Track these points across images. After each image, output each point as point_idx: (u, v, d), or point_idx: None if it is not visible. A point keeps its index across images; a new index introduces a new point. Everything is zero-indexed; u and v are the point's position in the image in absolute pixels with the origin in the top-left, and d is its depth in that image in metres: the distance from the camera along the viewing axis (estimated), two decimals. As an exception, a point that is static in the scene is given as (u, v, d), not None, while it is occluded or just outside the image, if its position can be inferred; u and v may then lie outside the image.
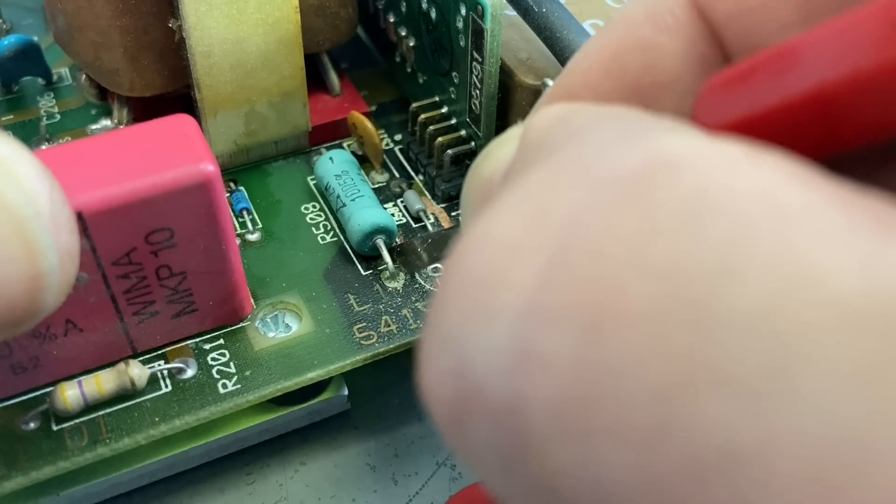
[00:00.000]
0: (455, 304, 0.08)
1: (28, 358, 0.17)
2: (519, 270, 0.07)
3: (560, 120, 0.09)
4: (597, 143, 0.08)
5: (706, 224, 0.06)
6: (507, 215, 0.08)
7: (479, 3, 0.19)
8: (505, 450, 0.07)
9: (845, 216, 0.06)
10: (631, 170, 0.07)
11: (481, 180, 0.11)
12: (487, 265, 0.08)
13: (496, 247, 0.08)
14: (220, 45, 0.20)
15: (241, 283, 0.18)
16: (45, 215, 0.12)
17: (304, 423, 0.19)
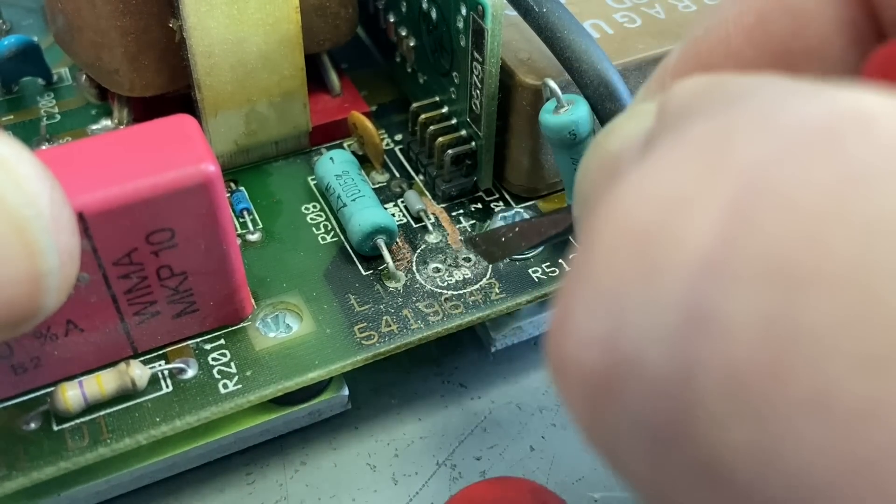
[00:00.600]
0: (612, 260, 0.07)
1: (29, 358, 0.17)
2: (694, 222, 0.06)
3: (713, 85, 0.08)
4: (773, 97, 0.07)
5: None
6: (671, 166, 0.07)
7: (479, 3, 0.19)
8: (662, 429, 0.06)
9: None
10: (820, 121, 0.06)
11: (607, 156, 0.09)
12: (652, 217, 0.07)
13: (662, 197, 0.07)
14: (221, 46, 0.20)
15: (242, 283, 0.18)
16: (46, 216, 0.12)
17: (304, 423, 0.19)
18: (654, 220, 0.07)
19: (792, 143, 0.06)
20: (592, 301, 0.07)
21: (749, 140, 0.06)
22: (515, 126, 0.21)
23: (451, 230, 0.21)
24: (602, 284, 0.07)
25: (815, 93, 0.07)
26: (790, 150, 0.06)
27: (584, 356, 0.07)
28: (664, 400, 0.06)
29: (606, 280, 0.07)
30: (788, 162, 0.06)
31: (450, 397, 0.21)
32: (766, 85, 0.07)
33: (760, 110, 0.07)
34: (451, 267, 0.20)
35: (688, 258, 0.06)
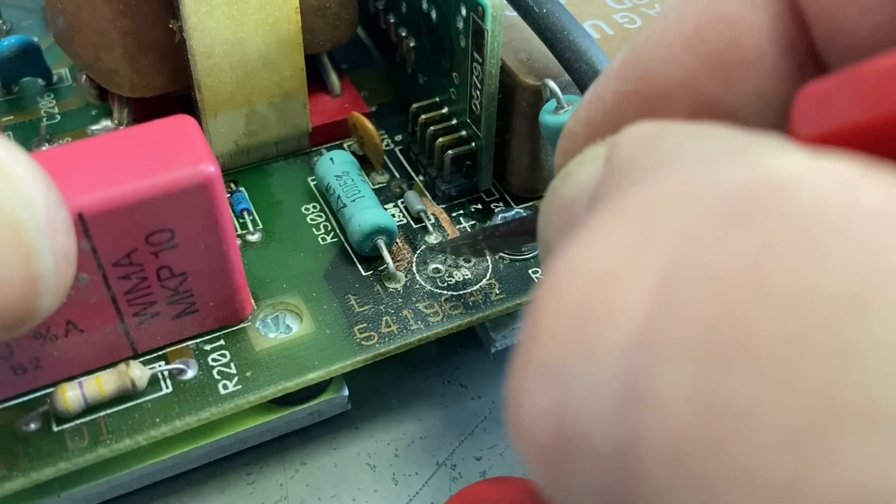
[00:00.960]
0: (553, 336, 0.07)
1: (29, 359, 0.17)
2: (624, 299, 0.07)
3: (653, 138, 0.08)
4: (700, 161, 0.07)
5: (832, 247, 0.06)
6: (606, 239, 0.07)
7: (479, 4, 0.19)
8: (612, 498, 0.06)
9: None
10: (741, 189, 0.06)
11: (562, 203, 0.10)
12: (588, 293, 0.07)
13: (597, 273, 0.07)
14: (221, 46, 0.20)
15: (242, 283, 0.18)
16: (42, 218, 0.12)
17: (304, 423, 0.19)
18: (590, 297, 0.07)
19: (713, 215, 0.06)
20: (539, 377, 0.07)
21: (674, 212, 0.07)
22: (515, 127, 0.21)
23: (451, 231, 0.21)
24: (547, 361, 0.07)
25: (740, 156, 0.07)
26: (712, 222, 0.06)
27: (536, 428, 0.07)
28: (610, 472, 0.06)
29: (550, 357, 0.07)
30: (710, 235, 0.06)
31: (450, 397, 0.21)
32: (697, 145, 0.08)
33: (686, 179, 0.07)
34: (451, 268, 0.20)
35: (621, 335, 0.06)
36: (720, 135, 0.08)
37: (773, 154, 0.07)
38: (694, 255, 0.06)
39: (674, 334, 0.06)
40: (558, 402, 0.07)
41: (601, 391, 0.07)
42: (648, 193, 0.07)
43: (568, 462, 0.07)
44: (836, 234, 0.06)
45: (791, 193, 0.06)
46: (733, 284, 0.06)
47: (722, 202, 0.07)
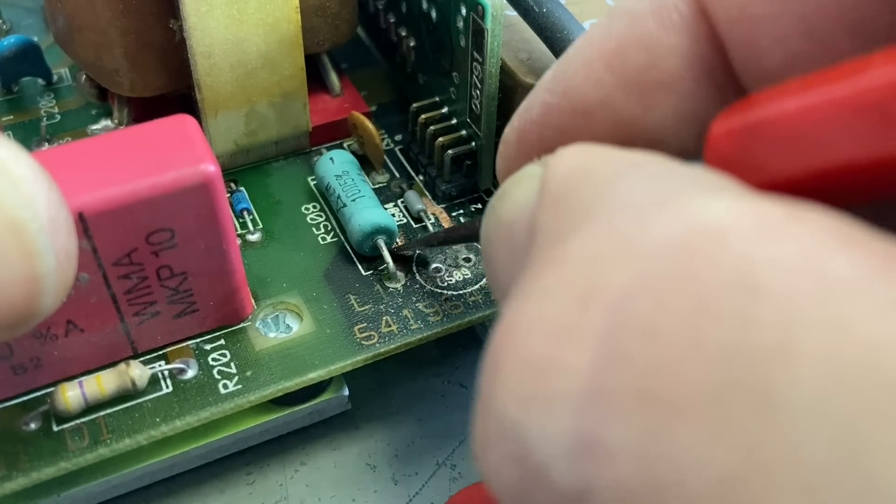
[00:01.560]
0: (509, 389, 0.08)
1: (29, 358, 0.17)
2: (572, 354, 0.07)
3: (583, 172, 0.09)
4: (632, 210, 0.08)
5: (755, 304, 0.06)
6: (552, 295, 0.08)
7: (479, 4, 0.19)
8: None
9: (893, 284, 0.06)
10: (673, 241, 0.07)
11: (501, 225, 0.11)
12: (539, 349, 0.07)
13: (546, 329, 0.07)
14: (221, 46, 0.20)
15: (242, 283, 0.18)
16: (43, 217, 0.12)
17: (304, 423, 0.19)
18: (541, 351, 0.07)
19: (649, 272, 0.07)
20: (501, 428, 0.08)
21: (612, 268, 0.07)
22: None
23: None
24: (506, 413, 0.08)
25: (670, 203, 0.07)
26: (648, 278, 0.07)
27: (502, 474, 0.08)
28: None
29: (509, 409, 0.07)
30: (646, 291, 0.07)
31: (450, 397, 0.21)
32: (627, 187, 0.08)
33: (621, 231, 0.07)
34: (451, 267, 0.20)
35: (571, 389, 0.07)
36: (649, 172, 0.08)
37: (701, 200, 0.07)
38: (632, 311, 0.07)
39: (617, 389, 0.07)
40: (520, 450, 0.07)
41: (557, 442, 0.07)
42: (588, 246, 0.08)
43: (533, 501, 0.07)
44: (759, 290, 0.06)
45: (721, 245, 0.07)
46: (670, 341, 0.06)
47: (657, 257, 0.07)
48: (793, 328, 0.06)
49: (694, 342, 0.06)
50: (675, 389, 0.06)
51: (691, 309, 0.06)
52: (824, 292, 0.06)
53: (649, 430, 0.06)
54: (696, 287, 0.07)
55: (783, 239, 0.06)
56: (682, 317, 0.06)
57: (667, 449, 0.06)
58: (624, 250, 0.07)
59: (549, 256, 0.08)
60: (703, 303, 0.06)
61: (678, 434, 0.06)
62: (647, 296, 0.07)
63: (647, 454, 0.06)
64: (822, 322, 0.06)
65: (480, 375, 0.08)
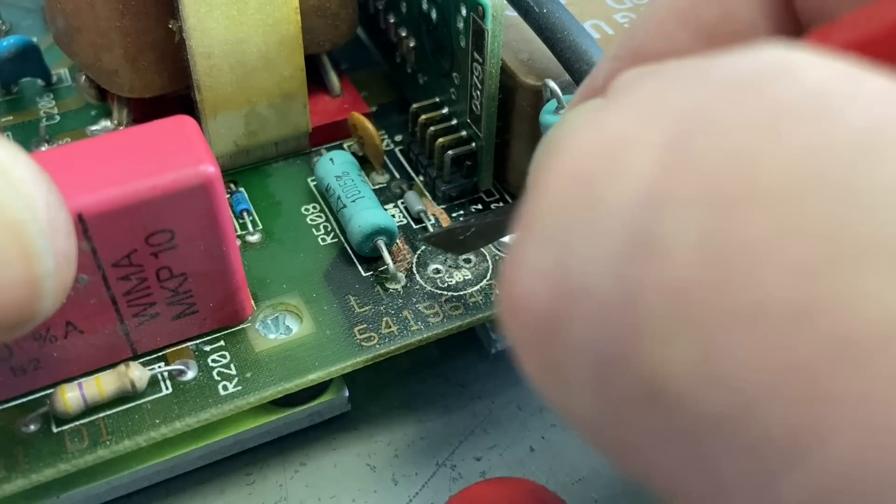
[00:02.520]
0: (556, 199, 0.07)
1: (28, 360, 0.17)
2: (636, 159, 0.07)
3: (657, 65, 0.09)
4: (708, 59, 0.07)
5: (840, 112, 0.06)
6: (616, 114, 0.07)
7: (479, 4, 0.19)
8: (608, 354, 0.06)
9: None
10: (750, 69, 0.07)
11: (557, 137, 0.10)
12: (598, 157, 0.07)
13: (608, 139, 0.07)
14: (221, 47, 0.20)
15: (242, 284, 0.18)
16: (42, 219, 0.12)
17: (304, 424, 0.19)
18: (599, 160, 0.07)
19: (724, 88, 0.07)
20: (540, 238, 0.07)
21: (685, 89, 0.07)
22: (516, 127, 0.21)
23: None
24: (549, 222, 0.07)
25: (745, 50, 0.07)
26: (723, 93, 0.07)
27: (532, 293, 0.07)
28: (609, 324, 0.06)
29: (553, 218, 0.07)
30: (721, 102, 0.06)
31: (450, 398, 0.21)
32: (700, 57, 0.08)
33: (696, 67, 0.07)
34: (451, 268, 0.20)
35: (630, 189, 0.07)
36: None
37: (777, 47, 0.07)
38: (705, 119, 0.06)
39: (685, 185, 0.06)
40: (560, 261, 0.07)
41: (606, 245, 0.06)
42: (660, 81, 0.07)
43: (565, 323, 0.07)
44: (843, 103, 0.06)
45: (798, 75, 0.06)
46: (744, 140, 0.06)
47: (733, 79, 0.07)
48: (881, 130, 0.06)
49: (771, 142, 0.06)
50: (751, 181, 0.06)
51: (768, 115, 0.06)
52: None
53: (717, 221, 0.06)
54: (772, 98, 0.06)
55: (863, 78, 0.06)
56: (757, 120, 0.06)
57: (738, 238, 0.06)
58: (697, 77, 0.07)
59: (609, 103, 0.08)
60: (780, 111, 0.06)
61: (749, 225, 0.06)
62: (721, 105, 0.06)
63: (716, 245, 0.06)
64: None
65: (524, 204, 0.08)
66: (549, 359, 0.07)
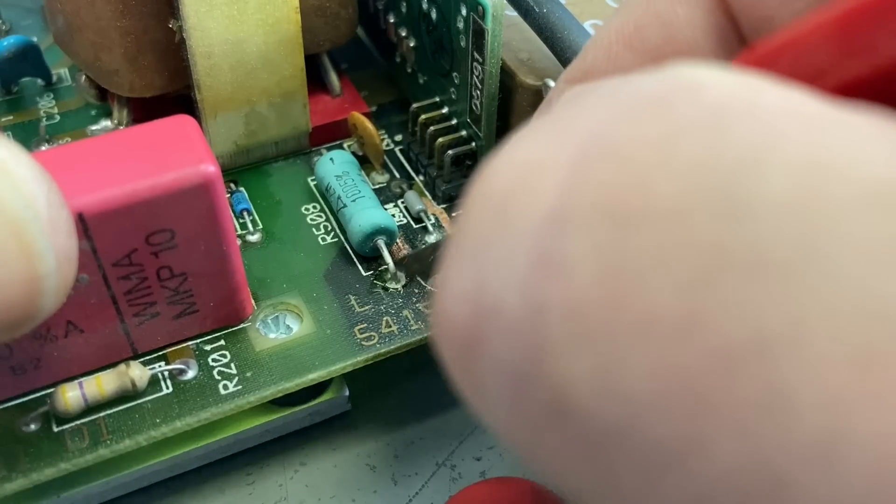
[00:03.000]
0: (475, 222, 0.08)
1: (29, 359, 0.17)
2: (542, 181, 0.07)
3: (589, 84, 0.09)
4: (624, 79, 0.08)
5: (731, 127, 0.06)
6: (532, 137, 0.08)
7: (479, 4, 0.19)
8: (518, 369, 0.07)
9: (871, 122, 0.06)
10: (656, 90, 0.07)
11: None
12: (510, 180, 0.07)
13: (520, 163, 0.07)
14: (221, 46, 0.20)
15: (242, 283, 0.18)
16: (43, 218, 0.12)
17: (304, 423, 0.19)
18: (512, 182, 0.07)
19: (628, 108, 0.07)
20: (462, 260, 0.08)
21: (594, 111, 0.07)
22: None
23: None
24: (469, 244, 0.07)
25: (657, 70, 0.07)
26: (625, 114, 0.07)
27: (455, 313, 0.07)
28: (520, 341, 0.07)
29: (472, 240, 0.07)
30: (623, 123, 0.07)
31: (450, 397, 0.21)
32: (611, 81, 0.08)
33: (608, 89, 0.08)
34: (451, 267, 0.20)
35: (536, 210, 0.07)
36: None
37: (686, 66, 0.07)
38: (606, 140, 0.07)
39: (583, 205, 0.07)
40: (477, 283, 0.07)
41: (515, 266, 0.07)
42: (573, 103, 0.08)
43: (483, 342, 0.07)
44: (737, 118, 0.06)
45: (699, 93, 0.07)
46: (640, 160, 0.06)
47: (637, 100, 0.07)
48: (766, 144, 0.06)
49: (664, 159, 0.06)
50: (642, 200, 0.06)
51: (664, 135, 0.06)
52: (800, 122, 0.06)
53: (613, 240, 0.06)
54: (671, 118, 0.07)
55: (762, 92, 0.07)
56: (653, 141, 0.06)
57: (630, 255, 0.06)
58: (606, 100, 0.07)
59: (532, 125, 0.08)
60: (676, 128, 0.06)
61: (643, 240, 0.06)
62: (622, 126, 0.07)
63: (610, 263, 0.06)
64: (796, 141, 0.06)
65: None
66: (471, 374, 0.07)
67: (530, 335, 0.07)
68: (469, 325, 0.07)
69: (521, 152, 0.08)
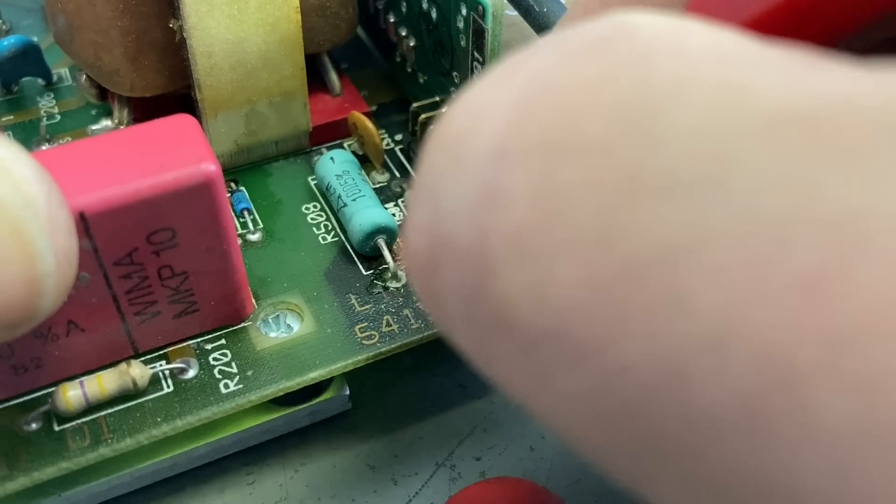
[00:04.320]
0: (431, 163, 0.08)
1: (30, 358, 0.17)
2: (488, 122, 0.08)
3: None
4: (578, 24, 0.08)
5: (653, 65, 0.07)
6: (485, 82, 0.08)
7: (479, 3, 0.19)
8: (468, 290, 0.08)
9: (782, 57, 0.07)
10: (596, 34, 0.08)
11: None
12: (462, 123, 0.08)
13: (471, 107, 0.08)
14: (221, 46, 0.20)
15: (243, 283, 0.18)
16: (43, 217, 0.12)
17: (305, 422, 0.19)
18: (464, 122, 0.08)
19: (567, 52, 0.08)
20: (419, 200, 0.08)
21: (539, 55, 0.08)
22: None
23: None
24: (426, 181, 0.08)
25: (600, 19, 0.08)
26: (565, 57, 0.08)
27: (416, 243, 0.08)
28: (468, 264, 0.08)
29: (429, 178, 0.08)
30: (562, 65, 0.08)
31: (450, 398, 0.21)
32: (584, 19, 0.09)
33: (556, 34, 0.08)
34: (451, 267, 0.20)
35: (482, 147, 0.08)
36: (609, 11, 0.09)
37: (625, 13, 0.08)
38: (547, 81, 0.07)
39: (521, 142, 0.07)
40: (433, 214, 0.08)
41: (464, 197, 0.08)
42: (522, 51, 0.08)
43: (437, 267, 0.08)
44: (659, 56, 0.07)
45: (632, 36, 0.07)
46: (572, 100, 0.07)
47: (579, 44, 0.08)
48: (681, 79, 0.07)
49: (594, 99, 0.07)
50: (571, 136, 0.07)
51: (596, 75, 0.07)
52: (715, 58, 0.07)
53: (544, 173, 0.07)
54: (603, 59, 0.07)
55: (691, 32, 0.07)
56: (586, 82, 0.07)
57: (557, 185, 0.07)
58: (549, 46, 0.08)
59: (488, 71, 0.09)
60: (607, 70, 0.07)
61: (569, 171, 0.07)
62: (561, 68, 0.07)
63: (541, 192, 0.07)
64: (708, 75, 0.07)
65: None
66: (432, 295, 0.08)
67: (476, 259, 0.07)
68: (428, 254, 0.08)
69: (474, 97, 0.08)
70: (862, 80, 0.06)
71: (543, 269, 0.07)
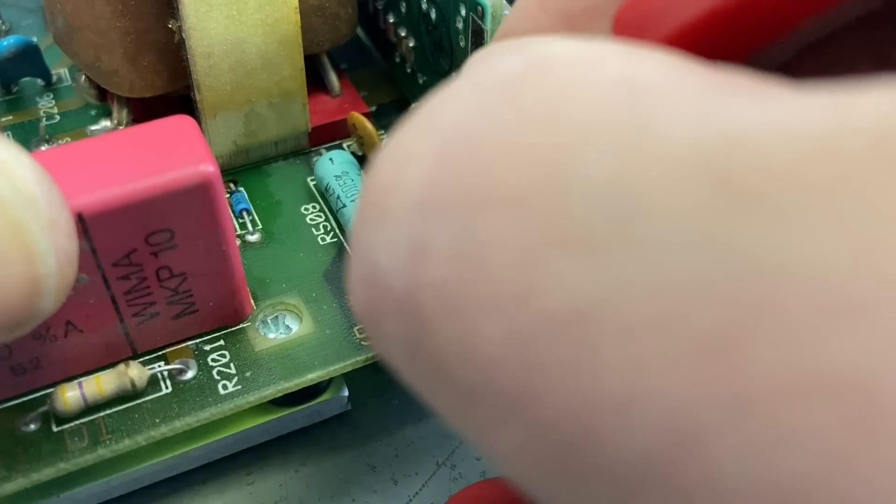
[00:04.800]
0: (362, 216, 0.08)
1: (28, 359, 0.17)
2: (410, 173, 0.08)
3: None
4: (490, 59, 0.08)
5: (565, 107, 0.07)
6: (406, 130, 0.08)
7: (479, 4, 0.19)
8: (408, 340, 0.08)
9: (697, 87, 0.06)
10: (512, 72, 0.08)
11: None
12: (386, 174, 0.08)
13: (395, 157, 0.08)
14: (220, 46, 0.20)
15: (242, 284, 0.18)
16: (44, 218, 0.12)
17: (304, 423, 0.19)
18: (388, 177, 0.08)
19: (485, 94, 0.08)
20: (356, 251, 0.08)
21: (456, 99, 0.08)
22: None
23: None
24: (361, 236, 0.08)
25: (520, 48, 0.08)
26: (482, 99, 0.07)
27: (358, 296, 0.09)
28: (405, 318, 0.08)
29: (362, 232, 0.08)
30: (478, 110, 0.07)
31: (449, 398, 0.21)
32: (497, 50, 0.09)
33: (472, 73, 0.08)
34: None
35: (406, 201, 0.08)
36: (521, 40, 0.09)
37: (548, 41, 0.08)
38: (462, 129, 0.07)
39: (441, 194, 0.07)
40: (370, 268, 0.08)
41: (394, 252, 0.08)
42: (443, 91, 0.08)
43: (379, 318, 0.08)
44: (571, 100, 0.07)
45: (548, 69, 0.07)
46: (490, 149, 0.07)
47: (493, 83, 0.08)
48: (591, 127, 0.07)
49: (509, 147, 0.07)
50: (487, 189, 0.07)
51: (511, 121, 0.07)
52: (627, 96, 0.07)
53: (463, 227, 0.07)
54: (518, 102, 0.07)
55: (606, 63, 0.07)
56: (503, 128, 0.07)
57: (476, 240, 0.07)
58: (468, 86, 0.08)
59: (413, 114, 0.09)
60: (522, 115, 0.07)
61: (487, 225, 0.07)
62: (477, 115, 0.07)
63: (461, 247, 0.07)
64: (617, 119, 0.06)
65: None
66: (378, 342, 0.08)
67: (412, 312, 0.07)
68: (370, 307, 0.08)
69: (398, 145, 0.08)
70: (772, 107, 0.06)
71: (470, 324, 0.07)
